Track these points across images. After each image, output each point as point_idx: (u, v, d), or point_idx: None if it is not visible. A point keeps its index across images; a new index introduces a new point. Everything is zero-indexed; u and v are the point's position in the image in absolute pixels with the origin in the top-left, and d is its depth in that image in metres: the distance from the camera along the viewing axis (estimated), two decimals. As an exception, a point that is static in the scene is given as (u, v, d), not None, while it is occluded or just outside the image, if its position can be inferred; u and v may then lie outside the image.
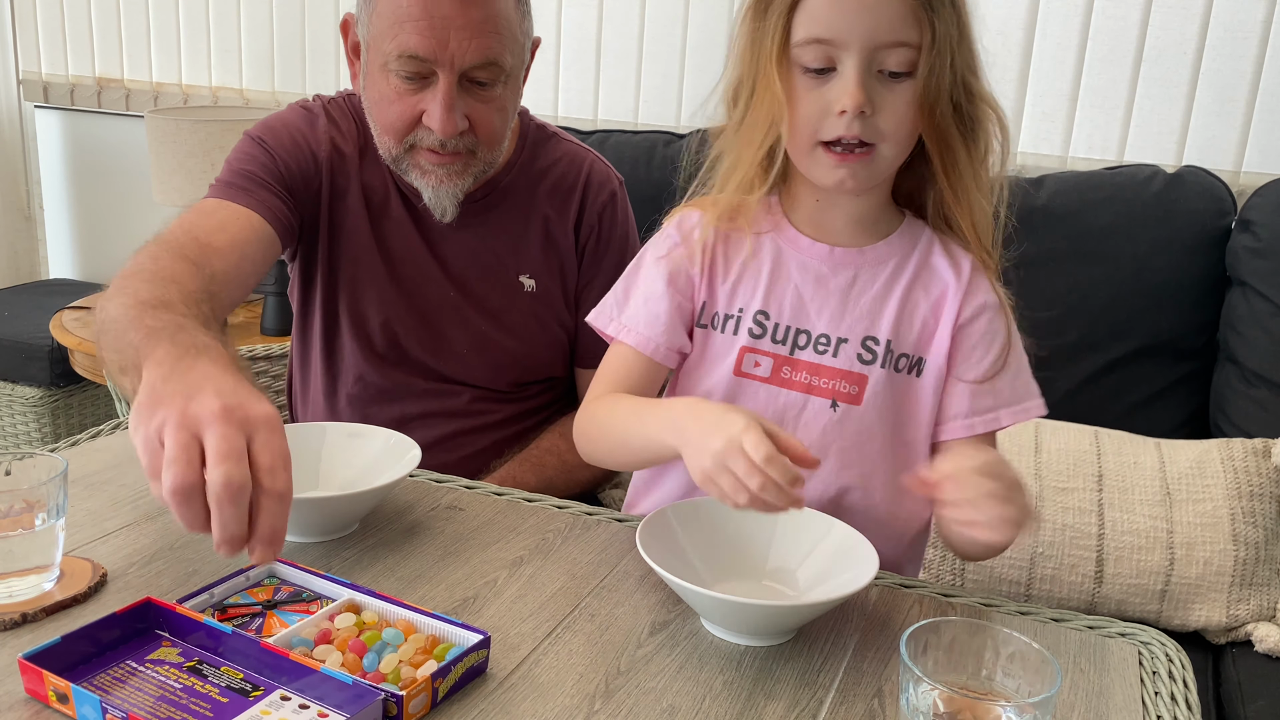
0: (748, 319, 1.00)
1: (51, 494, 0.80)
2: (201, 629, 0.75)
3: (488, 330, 1.34)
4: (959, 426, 1.00)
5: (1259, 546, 1.48)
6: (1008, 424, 1.00)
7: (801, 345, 1.00)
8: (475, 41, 1.17)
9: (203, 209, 1.20)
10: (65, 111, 2.99)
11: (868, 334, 0.99)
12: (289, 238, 1.27)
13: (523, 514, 1.02)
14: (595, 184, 1.37)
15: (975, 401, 1.00)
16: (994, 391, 1.00)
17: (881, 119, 0.91)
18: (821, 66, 0.91)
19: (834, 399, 0.99)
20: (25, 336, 2.54)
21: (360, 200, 1.31)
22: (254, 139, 1.28)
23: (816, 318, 1.00)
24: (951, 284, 1.00)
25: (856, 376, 0.99)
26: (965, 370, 1.00)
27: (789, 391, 1.00)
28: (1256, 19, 1.87)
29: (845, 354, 0.99)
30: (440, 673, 0.71)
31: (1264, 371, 1.65)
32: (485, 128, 1.23)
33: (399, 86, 1.19)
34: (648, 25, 2.31)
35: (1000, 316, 1.00)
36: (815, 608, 0.81)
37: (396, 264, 1.32)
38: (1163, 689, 0.81)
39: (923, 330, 1.00)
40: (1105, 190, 1.76)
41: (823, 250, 1.00)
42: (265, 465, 0.74)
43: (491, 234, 1.33)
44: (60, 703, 0.68)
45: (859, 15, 0.88)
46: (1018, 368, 1.01)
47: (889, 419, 1.00)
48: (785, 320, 1.00)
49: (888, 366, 0.99)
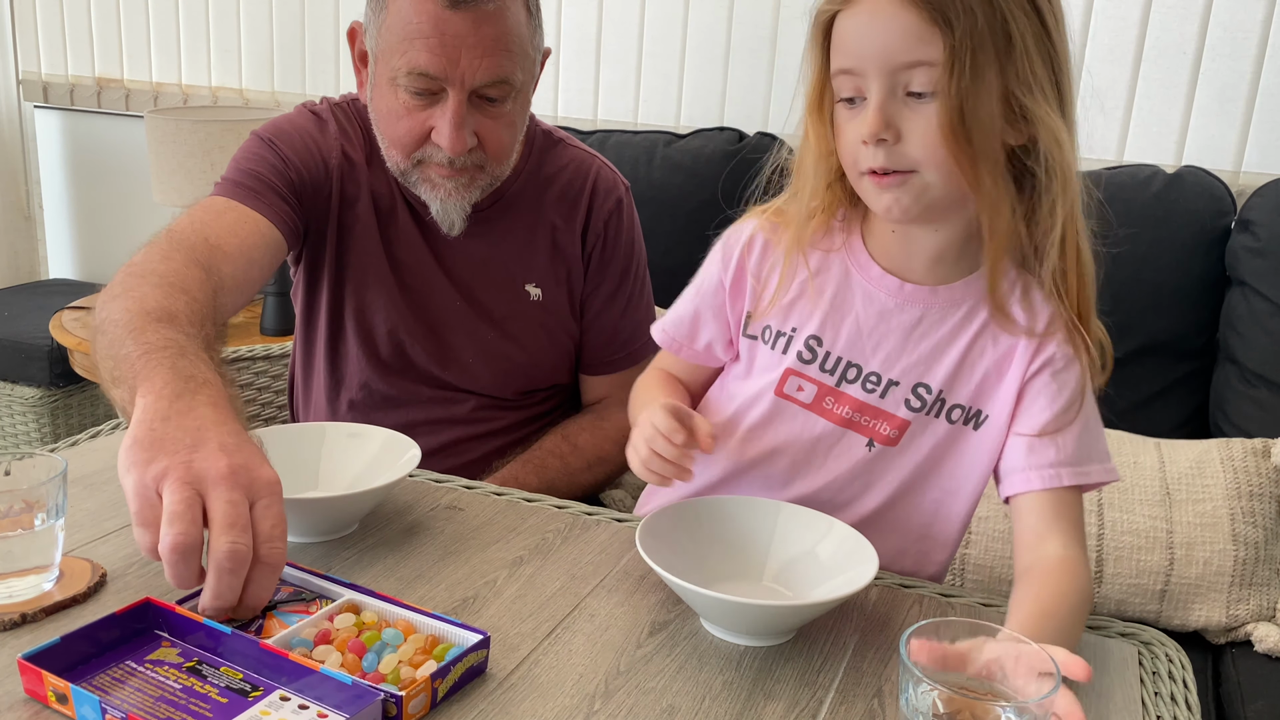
0: (799, 341, 0.97)
1: (51, 494, 0.80)
2: (201, 629, 0.74)
3: (493, 339, 1.33)
4: (1018, 481, 0.92)
5: (1259, 546, 1.48)
6: (1067, 484, 0.91)
7: (850, 379, 0.96)
8: (486, 60, 1.14)
9: (213, 207, 1.18)
10: (65, 111, 2.99)
11: (920, 380, 0.94)
12: (294, 242, 1.25)
13: (522, 514, 1.02)
14: (602, 191, 1.36)
15: (1034, 454, 0.92)
16: (1057, 446, 0.91)
17: (909, 145, 0.85)
18: (852, 96, 0.87)
19: (871, 439, 0.96)
20: (25, 336, 2.54)
21: (370, 208, 1.29)
22: (264, 140, 1.26)
23: (872, 354, 0.95)
24: (1023, 338, 0.92)
25: (900, 422, 0.95)
26: (1024, 423, 0.93)
27: (826, 422, 0.98)
28: (1256, 19, 1.87)
29: (893, 397, 0.95)
30: (440, 673, 0.71)
31: (1264, 371, 1.64)
32: (494, 144, 1.21)
33: (408, 102, 1.17)
34: (648, 25, 2.31)
35: (1071, 370, 0.92)
36: (815, 608, 0.81)
37: (403, 272, 1.31)
38: (1163, 689, 0.81)
39: (983, 382, 0.94)
40: (1105, 190, 1.74)
41: (893, 284, 0.95)
42: (264, 534, 0.74)
43: (498, 243, 1.32)
44: (60, 703, 0.68)
45: (872, 40, 0.84)
46: (1085, 428, 0.93)
47: (927, 465, 0.96)
48: (839, 350, 0.96)
49: (935, 414, 0.95)
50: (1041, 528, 0.90)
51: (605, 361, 1.39)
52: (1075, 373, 0.93)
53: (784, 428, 0.99)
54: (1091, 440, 0.93)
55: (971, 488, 0.97)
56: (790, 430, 0.99)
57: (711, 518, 0.92)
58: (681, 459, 0.89)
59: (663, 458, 0.89)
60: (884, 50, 0.84)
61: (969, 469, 0.96)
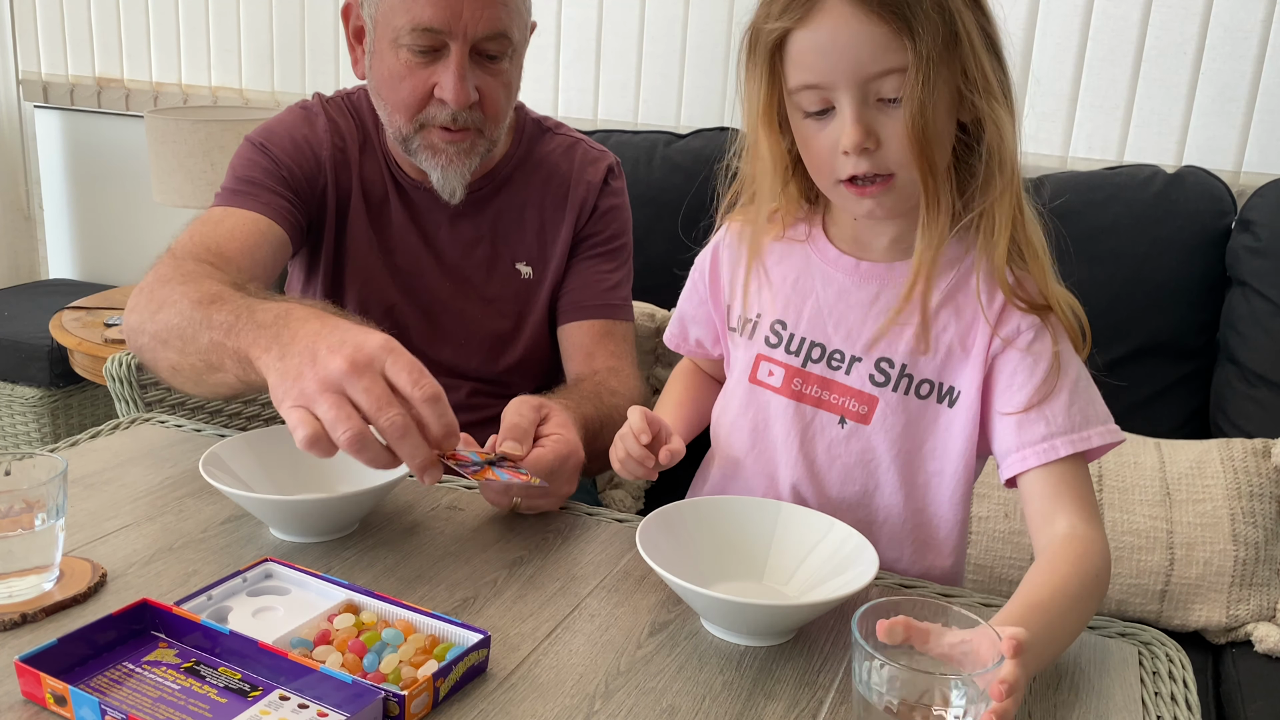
0: (764, 326, 1.01)
1: (51, 494, 0.80)
2: (198, 630, 0.74)
3: (483, 316, 1.35)
4: (1014, 462, 0.92)
5: (1259, 547, 1.48)
6: (1065, 453, 0.90)
7: (815, 359, 0.98)
8: (487, 12, 1.19)
9: (209, 219, 1.22)
10: (65, 111, 2.99)
11: (883, 355, 0.96)
12: (298, 238, 1.29)
13: (523, 514, 1.02)
14: (588, 166, 1.39)
15: (1023, 432, 0.91)
16: (1046, 419, 0.91)
17: (888, 150, 0.87)
18: (820, 109, 0.89)
19: (843, 416, 0.98)
20: (25, 336, 2.54)
21: (360, 196, 1.32)
22: (255, 144, 1.29)
23: (834, 332, 0.98)
24: (984, 309, 0.93)
25: (867, 397, 0.96)
26: (1005, 401, 0.93)
27: (798, 404, 0.99)
28: (1256, 19, 1.87)
29: (858, 373, 0.97)
30: (441, 672, 0.70)
31: (1264, 371, 1.64)
32: (492, 103, 1.25)
33: (410, 61, 1.21)
34: (648, 25, 2.31)
35: (1043, 340, 0.92)
36: (815, 608, 0.81)
37: (395, 256, 1.33)
38: (1163, 689, 0.81)
39: (948, 357, 0.94)
40: (1105, 190, 1.76)
41: (849, 263, 0.98)
42: (406, 388, 0.82)
43: (489, 223, 1.35)
44: (58, 705, 0.68)
45: (841, 54, 0.85)
46: (1074, 392, 0.92)
47: (902, 446, 0.96)
48: (802, 332, 0.99)
49: (903, 391, 0.96)
50: (1047, 507, 0.90)
51: (579, 306, 1.37)
52: (1047, 342, 0.92)
53: (761, 414, 1.01)
54: (1084, 404, 0.92)
55: (955, 469, 0.97)
56: (766, 415, 1.01)
57: (711, 518, 0.92)
58: (644, 458, 0.95)
59: (631, 456, 0.96)
60: (854, 63, 0.85)
61: (950, 448, 0.96)
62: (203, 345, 0.99)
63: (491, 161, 1.34)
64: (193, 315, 1.00)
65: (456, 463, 0.87)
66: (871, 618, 0.67)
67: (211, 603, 0.80)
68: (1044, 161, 2.03)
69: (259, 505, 0.92)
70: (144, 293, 1.09)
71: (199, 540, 0.92)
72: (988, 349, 0.93)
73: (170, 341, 1.03)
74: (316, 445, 0.81)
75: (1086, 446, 0.91)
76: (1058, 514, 0.89)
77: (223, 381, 1.01)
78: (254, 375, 0.92)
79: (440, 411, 0.83)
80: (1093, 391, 0.94)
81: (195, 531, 0.94)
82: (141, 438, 1.14)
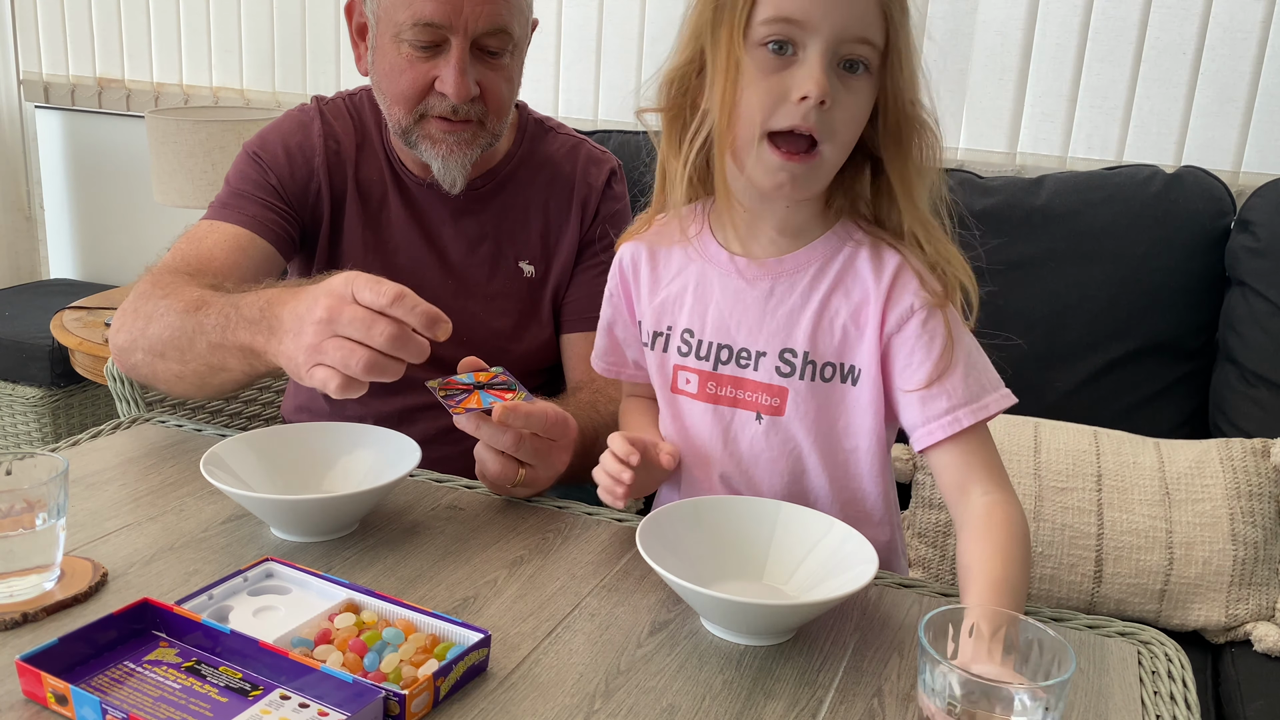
0: (675, 337, 1.03)
1: (52, 494, 0.80)
2: (199, 629, 0.75)
3: (486, 314, 1.35)
4: (921, 436, 0.95)
5: (1258, 546, 1.48)
6: (969, 424, 0.93)
7: (724, 360, 1.00)
8: (487, 7, 1.19)
9: (193, 236, 1.25)
10: (66, 112, 2.99)
11: (785, 346, 0.98)
12: (288, 248, 1.30)
13: (523, 514, 1.02)
14: (591, 167, 1.39)
15: (927, 407, 0.94)
16: (946, 393, 0.94)
17: (836, 114, 0.88)
18: (781, 43, 0.88)
19: (758, 412, 1.00)
20: (25, 336, 2.54)
21: (356, 196, 1.32)
22: (249, 154, 1.32)
23: (737, 332, 0.99)
24: (873, 289, 0.95)
25: (777, 389, 0.98)
26: (907, 379, 0.95)
27: (717, 407, 1.01)
28: (1256, 19, 1.87)
29: (765, 367, 0.99)
30: (442, 672, 0.71)
31: (1263, 371, 1.65)
32: (494, 97, 1.25)
33: (411, 55, 1.21)
34: (648, 25, 2.31)
35: (935, 317, 0.95)
36: (815, 607, 0.81)
37: (396, 255, 1.33)
38: (1162, 689, 0.81)
39: (844, 338, 0.97)
40: (1104, 190, 1.76)
41: (741, 264, 0.99)
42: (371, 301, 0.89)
43: (491, 221, 1.35)
44: (59, 704, 0.68)
45: (834, 2, 0.86)
46: (969, 364, 0.95)
47: (818, 430, 0.98)
48: (708, 336, 1.01)
49: (809, 378, 0.97)
50: (959, 478, 0.94)
51: (581, 316, 1.38)
52: (940, 318, 0.95)
53: (684, 423, 1.03)
54: (979, 373, 0.95)
55: (869, 443, 0.99)
56: (690, 423, 1.03)
57: (711, 518, 0.92)
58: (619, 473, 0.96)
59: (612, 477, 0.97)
60: (844, 17, 0.87)
61: (861, 423, 0.99)
62: (202, 350, 1.04)
63: (494, 159, 1.34)
64: (183, 324, 1.05)
65: (447, 393, 0.96)
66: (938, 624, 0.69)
67: (212, 602, 0.80)
68: (1043, 161, 2.03)
69: (260, 505, 0.92)
70: (128, 312, 1.13)
71: (200, 540, 0.93)
72: (881, 326, 0.95)
73: (167, 354, 1.07)
74: (349, 388, 0.90)
75: (986, 415, 0.94)
76: (971, 483, 0.93)
77: (228, 380, 1.07)
78: (260, 365, 1.02)
79: (410, 306, 0.89)
80: (984, 359, 0.97)
81: (196, 531, 0.94)
82: (142, 437, 1.14)
